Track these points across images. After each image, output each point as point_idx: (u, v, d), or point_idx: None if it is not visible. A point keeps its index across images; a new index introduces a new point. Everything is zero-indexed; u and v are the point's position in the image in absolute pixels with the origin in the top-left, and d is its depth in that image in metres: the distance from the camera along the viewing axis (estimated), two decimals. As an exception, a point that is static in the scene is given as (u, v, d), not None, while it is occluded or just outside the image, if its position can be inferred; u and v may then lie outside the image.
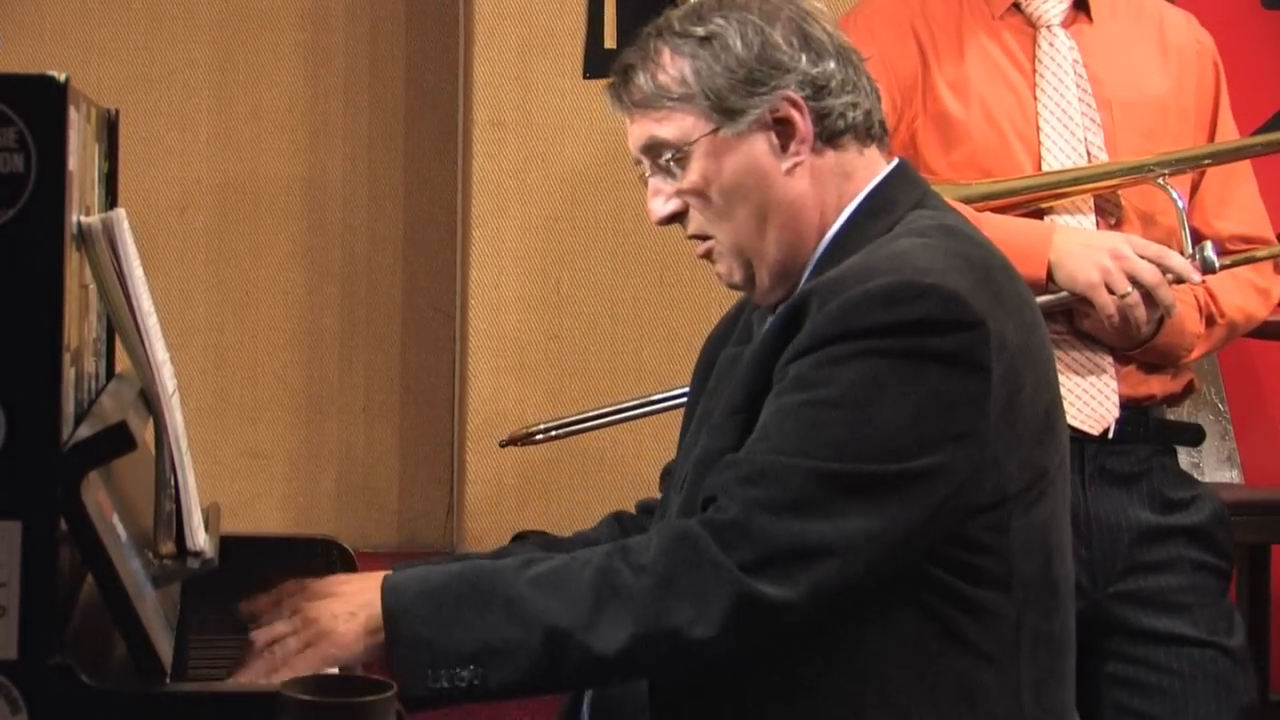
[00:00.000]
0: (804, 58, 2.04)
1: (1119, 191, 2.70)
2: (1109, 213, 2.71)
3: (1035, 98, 2.70)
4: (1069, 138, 2.69)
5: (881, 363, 1.90)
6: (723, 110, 2.03)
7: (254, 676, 1.86)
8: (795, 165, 2.04)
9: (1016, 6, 2.75)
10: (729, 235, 2.07)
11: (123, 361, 2.00)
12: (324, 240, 4.06)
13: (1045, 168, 2.68)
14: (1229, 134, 2.82)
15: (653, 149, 2.07)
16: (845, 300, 1.92)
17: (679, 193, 2.07)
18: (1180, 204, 2.66)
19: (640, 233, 3.76)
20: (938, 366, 1.91)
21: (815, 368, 1.92)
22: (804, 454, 1.89)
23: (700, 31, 2.04)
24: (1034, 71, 2.71)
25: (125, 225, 1.79)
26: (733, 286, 2.13)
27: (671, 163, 2.06)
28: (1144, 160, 2.67)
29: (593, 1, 3.76)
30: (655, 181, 2.09)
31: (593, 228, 3.75)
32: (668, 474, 2.36)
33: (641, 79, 2.06)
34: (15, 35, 3.87)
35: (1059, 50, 2.72)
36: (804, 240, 2.06)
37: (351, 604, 1.91)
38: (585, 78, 3.78)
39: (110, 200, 2.17)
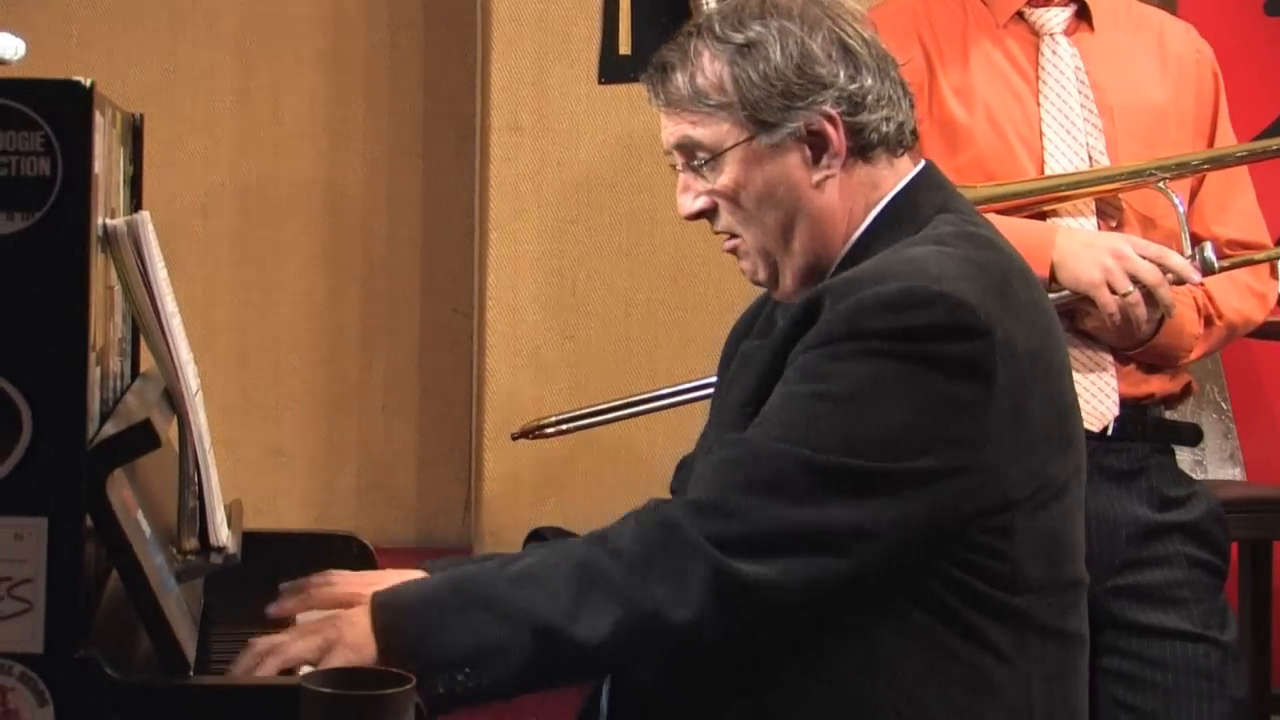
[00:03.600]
0: (843, 73, 2.03)
1: (1120, 195, 2.71)
2: (1110, 215, 2.72)
3: (1038, 104, 2.72)
4: (1071, 143, 2.70)
5: (886, 364, 1.91)
6: (758, 121, 2.02)
7: (276, 659, 1.87)
8: (826, 179, 2.05)
9: (1020, 15, 2.76)
10: (756, 238, 2.08)
11: (147, 361, 2.03)
12: (344, 242, 4.08)
13: (1048, 172, 2.69)
14: (1228, 141, 2.83)
15: (686, 148, 2.07)
16: (856, 301, 1.93)
17: (709, 192, 2.07)
18: (1180, 207, 2.67)
19: (654, 235, 3.77)
20: (941, 373, 1.91)
21: (821, 361, 1.93)
22: (795, 441, 1.90)
23: (741, 38, 2.03)
24: (1037, 78, 2.73)
25: (150, 227, 1.81)
26: (756, 283, 2.14)
27: (703, 164, 2.06)
28: (1145, 165, 2.68)
29: (608, 9, 3.77)
30: (686, 178, 2.09)
31: (607, 230, 3.76)
32: (683, 466, 2.36)
33: (680, 79, 2.05)
34: (42, 42, 3.88)
35: (1061, 58, 2.74)
36: (829, 246, 2.07)
37: (350, 615, 1.92)
38: (600, 83, 3.79)
39: (135, 203, 2.20)
